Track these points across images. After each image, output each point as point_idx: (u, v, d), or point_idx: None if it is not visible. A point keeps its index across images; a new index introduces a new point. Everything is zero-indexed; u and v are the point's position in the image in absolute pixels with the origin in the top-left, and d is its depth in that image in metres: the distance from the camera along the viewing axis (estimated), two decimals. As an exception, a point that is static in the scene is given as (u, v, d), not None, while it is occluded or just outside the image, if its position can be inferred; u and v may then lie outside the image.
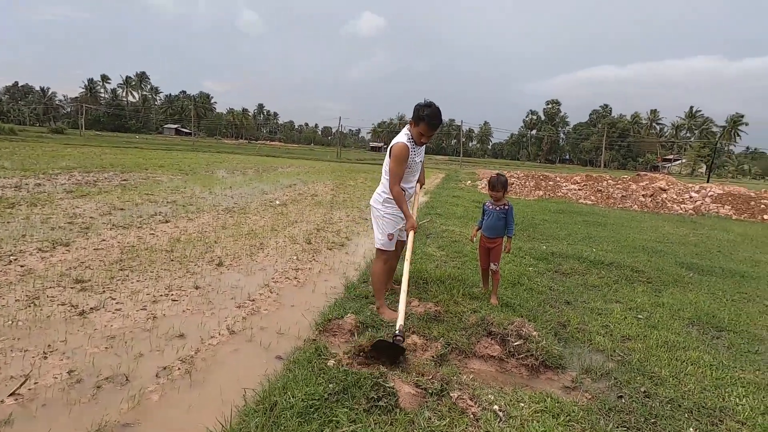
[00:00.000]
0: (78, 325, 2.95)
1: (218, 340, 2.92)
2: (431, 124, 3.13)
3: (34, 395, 2.19)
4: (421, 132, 3.17)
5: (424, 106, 3.14)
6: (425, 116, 3.11)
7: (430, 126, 3.14)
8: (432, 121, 3.12)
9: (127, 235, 5.32)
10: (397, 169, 3.16)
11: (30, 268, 3.91)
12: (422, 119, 3.12)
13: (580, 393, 2.52)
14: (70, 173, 11.21)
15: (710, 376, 2.78)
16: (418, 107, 3.16)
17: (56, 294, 3.41)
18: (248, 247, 5.24)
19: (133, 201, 7.72)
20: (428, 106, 3.13)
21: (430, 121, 3.12)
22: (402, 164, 3.17)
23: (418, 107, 3.16)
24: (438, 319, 3.25)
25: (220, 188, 10.63)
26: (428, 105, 3.14)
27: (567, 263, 5.39)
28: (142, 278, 3.91)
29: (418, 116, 3.13)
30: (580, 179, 18.18)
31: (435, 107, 3.14)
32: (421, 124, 3.14)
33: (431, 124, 3.13)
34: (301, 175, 17.09)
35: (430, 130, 3.16)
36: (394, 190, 3.18)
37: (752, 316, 4.02)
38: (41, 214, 6.13)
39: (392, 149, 3.19)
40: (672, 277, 5.15)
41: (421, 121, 3.13)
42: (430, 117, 3.11)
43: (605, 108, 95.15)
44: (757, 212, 13.40)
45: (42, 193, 7.80)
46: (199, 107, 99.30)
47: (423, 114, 3.11)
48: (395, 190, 3.18)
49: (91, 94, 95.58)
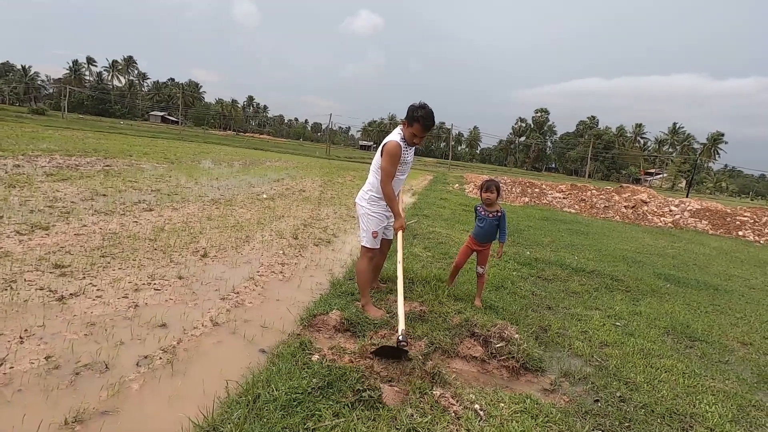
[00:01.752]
0: (57, 310, 2.88)
1: (201, 331, 2.89)
2: (425, 125, 3.15)
3: (9, 380, 2.13)
4: (414, 133, 3.19)
5: (419, 107, 3.16)
6: (419, 117, 3.13)
7: (423, 127, 3.16)
8: (426, 122, 3.15)
9: (110, 222, 5.22)
10: (390, 167, 3.17)
11: (7, 251, 3.80)
12: (416, 120, 3.14)
13: (558, 396, 2.57)
14: (50, 156, 10.90)
15: (683, 383, 2.87)
16: (413, 108, 3.17)
17: (34, 278, 3.32)
18: (234, 240, 5.19)
19: (116, 187, 7.56)
20: (422, 108, 3.15)
21: (424, 122, 3.14)
22: (395, 163, 3.18)
23: (413, 108, 3.17)
24: (422, 318, 3.28)
25: (206, 179, 10.49)
26: (422, 107, 3.16)
27: (550, 269, 5.49)
28: (124, 266, 3.84)
29: (412, 117, 3.15)
30: (565, 188, 18.49)
31: (429, 109, 3.17)
32: (415, 125, 3.15)
33: (425, 125, 3.16)
34: (290, 170, 16.97)
35: (424, 131, 3.18)
36: (386, 189, 3.20)
37: (724, 328, 4.17)
38: (20, 196, 5.96)
39: (384, 147, 3.20)
40: (650, 287, 5.29)
41: (415, 122, 3.15)
42: (425, 118, 3.14)
43: (592, 119, 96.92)
44: (732, 228, 13.84)
45: (21, 175, 7.57)
46: (188, 96, 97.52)
47: (417, 115, 3.13)
48: (387, 189, 3.20)
49: (75, 76, 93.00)
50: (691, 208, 15.94)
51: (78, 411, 1.97)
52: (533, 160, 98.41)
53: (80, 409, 1.98)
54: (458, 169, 40.63)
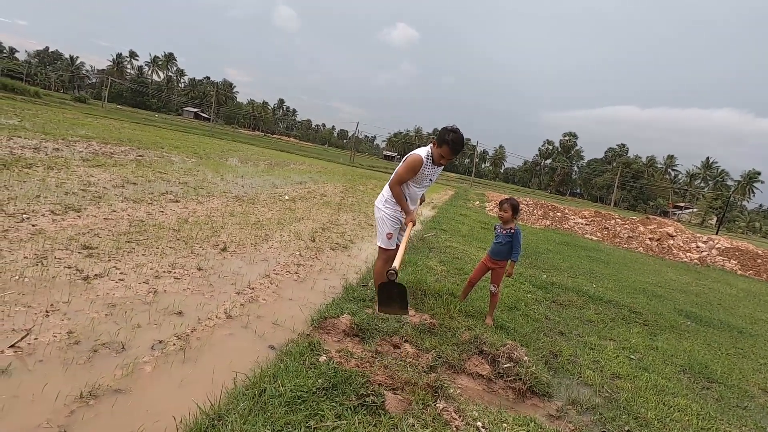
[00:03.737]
0: (81, 289, 3.01)
1: (215, 322, 2.97)
2: (453, 149, 3.29)
3: (33, 350, 2.24)
4: (442, 154, 3.32)
5: (450, 131, 3.28)
6: (449, 141, 3.26)
7: (452, 150, 3.29)
8: (454, 146, 3.28)
9: (138, 210, 5.41)
10: (405, 174, 3.34)
11: (41, 228, 3.99)
12: (446, 143, 3.26)
13: (563, 423, 2.53)
14: (88, 142, 11.39)
15: (696, 425, 2.77)
16: (444, 131, 3.30)
17: (63, 257, 3.47)
18: (253, 237, 5.30)
19: (146, 177, 7.83)
20: (454, 132, 3.28)
21: (453, 146, 3.27)
22: (410, 173, 3.33)
23: (444, 131, 3.30)
24: (432, 331, 3.27)
25: (231, 176, 10.75)
26: (454, 131, 3.28)
27: (566, 295, 5.39)
28: (148, 253, 3.98)
29: (443, 139, 3.27)
30: (588, 214, 18.14)
31: (460, 134, 3.30)
32: (444, 147, 3.28)
33: (453, 149, 3.29)
34: (313, 174, 17.21)
35: (452, 154, 3.31)
36: (394, 189, 3.37)
37: (745, 372, 4.00)
38: (56, 178, 6.24)
39: (408, 158, 3.36)
40: (669, 322, 5.14)
41: (444, 144, 3.27)
42: (454, 142, 3.26)
43: (622, 147, 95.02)
44: (762, 270, 13.29)
45: (59, 158, 7.94)
46: (221, 94, 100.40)
47: (447, 138, 3.26)
48: (395, 189, 3.37)
49: (118, 68, 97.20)
50: (720, 246, 15.40)
51: (93, 386, 2.05)
52: (558, 184, 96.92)
53: (95, 385, 2.06)
54: (480, 187, 40.38)
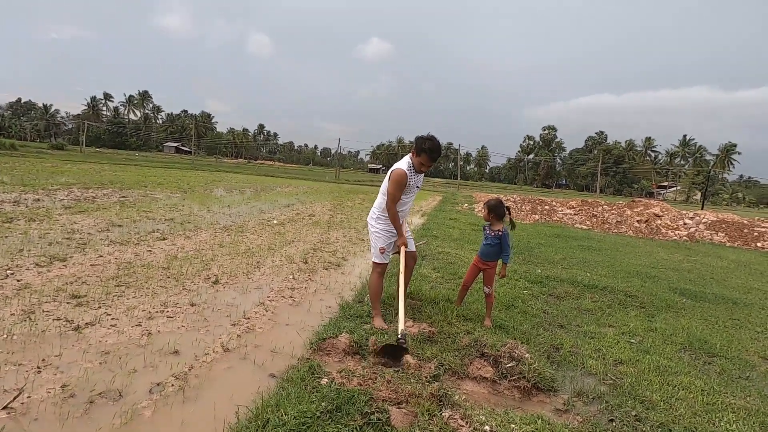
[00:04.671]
0: (73, 340, 2.95)
1: (212, 357, 2.93)
2: (431, 156, 3.41)
3: (27, 409, 2.19)
4: (422, 162, 3.44)
5: (426, 139, 3.40)
6: (427, 149, 3.38)
7: (430, 158, 3.42)
8: (432, 154, 3.40)
9: (125, 252, 5.35)
10: (395, 192, 3.44)
11: (26, 283, 3.92)
12: (424, 151, 3.39)
13: (571, 416, 2.53)
14: (69, 189, 11.26)
15: (701, 401, 2.80)
16: (421, 140, 3.41)
17: (52, 309, 3.41)
18: (245, 266, 5.27)
19: (131, 218, 7.76)
20: (430, 140, 3.40)
21: (431, 153, 3.40)
22: (400, 189, 3.44)
23: (421, 140, 3.41)
24: (432, 339, 3.27)
25: (218, 207, 10.69)
26: (430, 138, 3.41)
27: (561, 287, 5.43)
28: (138, 294, 3.93)
29: (420, 148, 3.39)
30: (575, 204, 18.37)
31: (436, 141, 3.42)
32: (423, 155, 3.40)
33: (431, 157, 3.42)
34: (300, 195, 17.20)
35: (430, 161, 3.43)
36: (390, 210, 3.47)
37: (744, 343, 4.06)
38: (39, 229, 6.15)
39: (392, 174, 3.45)
40: (665, 302, 5.19)
41: (423, 152, 3.40)
42: (431, 150, 3.39)
43: (600, 135, 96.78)
44: (750, 240, 13.54)
45: (40, 209, 7.83)
46: (200, 126, 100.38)
47: (425, 147, 3.38)
48: (391, 210, 3.46)
49: (93, 111, 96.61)
50: (707, 220, 15.67)
51: (92, 439, 2.00)
52: (543, 178, 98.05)
53: (94, 437, 2.01)
54: (467, 189, 40.65)
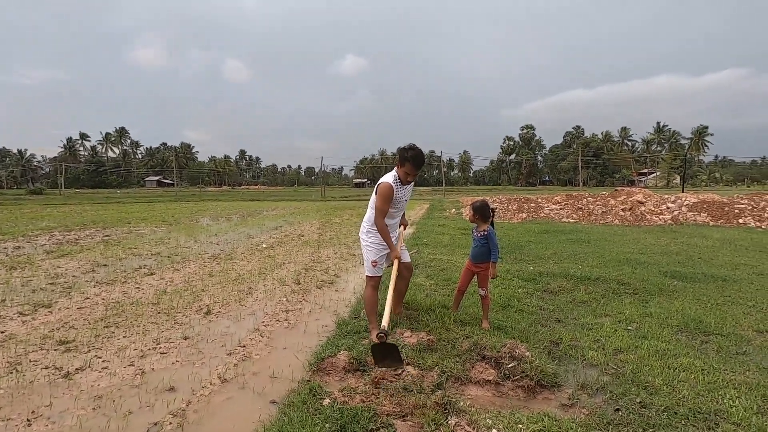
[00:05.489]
0: (63, 387, 2.86)
1: (210, 389, 2.86)
2: (415, 164, 3.40)
3: (19, 465, 2.10)
4: (407, 172, 3.42)
5: (408, 149, 3.40)
6: (410, 158, 3.37)
7: (414, 165, 3.40)
8: (416, 161, 3.39)
9: (112, 291, 5.23)
10: (383, 205, 3.42)
11: (11, 334, 3.80)
12: (407, 160, 3.38)
13: (577, 409, 2.52)
14: (50, 233, 11.02)
15: (702, 380, 2.81)
16: (403, 150, 3.41)
17: (39, 357, 3.30)
18: (236, 293, 5.19)
19: (116, 256, 7.61)
20: (412, 149, 3.40)
21: (415, 161, 3.39)
22: (387, 202, 3.42)
23: (403, 150, 3.41)
24: (431, 348, 3.24)
25: (205, 236, 10.56)
26: (412, 148, 3.41)
27: (555, 282, 5.46)
28: (129, 333, 3.83)
29: (403, 158, 3.39)
30: (560, 199, 18.60)
31: (418, 149, 3.42)
32: (407, 164, 3.39)
33: (415, 164, 3.40)
34: (287, 216, 17.10)
35: (415, 169, 3.42)
36: (378, 224, 3.44)
37: (737, 318, 4.11)
38: (21, 277, 5.99)
39: (378, 188, 3.44)
40: (657, 286, 5.25)
41: (406, 162, 3.39)
42: (414, 158, 3.38)
43: (578, 129, 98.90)
44: (732, 217, 13.84)
45: (21, 256, 7.64)
46: (181, 157, 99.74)
47: (408, 156, 3.38)
48: (379, 223, 3.43)
49: (70, 152, 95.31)
50: (688, 202, 15.99)
51: (89, 489, 1.92)
52: (526, 176, 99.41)
53: (92, 487, 1.93)
54: (453, 194, 40.94)
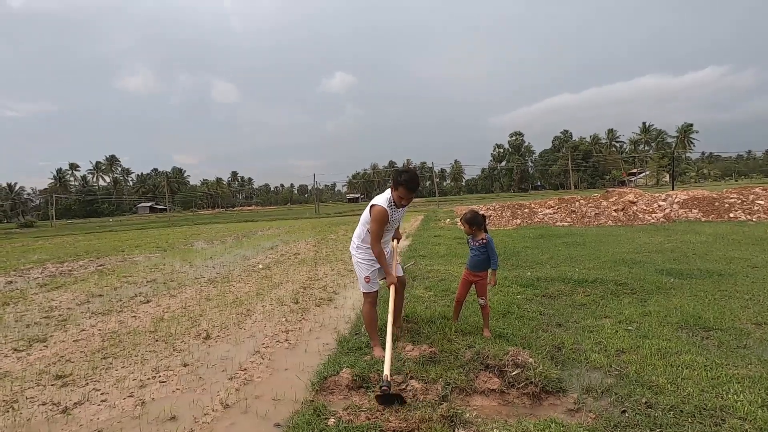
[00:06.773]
0: (62, 423, 2.79)
1: (212, 416, 2.81)
2: (409, 188, 3.33)
3: (18, 507, 2.04)
4: (401, 195, 3.35)
5: (403, 172, 3.36)
6: (404, 181, 3.31)
7: (408, 189, 3.33)
8: (410, 185, 3.32)
9: (108, 321, 5.16)
10: (379, 229, 3.35)
11: (6, 371, 3.72)
12: (401, 184, 3.31)
13: (583, 414, 2.51)
14: (42, 266, 10.89)
15: (706, 377, 2.82)
16: (397, 173, 3.36)
17: (36, 394, 3.24)
18: (235, 316, 5.14)
19: (111, 285, 7.52)
20: (406, 172, 3.36)
21: (408, 185, 3.32)
22: (381, 226, 3.36)
23: (397, 173, 3.36)
24: (434, 360, 3.22)
25: (200, 260, 10.48)
26: (406, 171, 3.38)
27: (553, 286, 5.47)
28: (127, 363, 3.77)
29: (398, 182, 3.32)
30: (553, 203, 18.72)
31: (412, 172, 3.37)
32: (400, 188, 3.32)
33: (409, 188, 3.33)
34: (282, 235, 17.04)
35: (409, 193, 3.35)
36: (374, 249, 3.37)
37: (735, 312, 4.14)
38: (14, 312, 5.90)
39: (372, 212, 3.36)
40: (654, 285, 5.28)
41: (400, 186, 3.32)
42: (408, 182, 3.31)
43: (566, 133, 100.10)
44: (722, 212, 14.00)
45: (14, 291, 7.53)
46: (173, 182, 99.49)
47: (401, 179, 3.31)
48: (376, 248, 3.36)
49: (60, 183, 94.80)
50: (679, 199, 16.16)
51: None
52: (518, 182, 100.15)
53: None
54: (447, 204, 41.08)
